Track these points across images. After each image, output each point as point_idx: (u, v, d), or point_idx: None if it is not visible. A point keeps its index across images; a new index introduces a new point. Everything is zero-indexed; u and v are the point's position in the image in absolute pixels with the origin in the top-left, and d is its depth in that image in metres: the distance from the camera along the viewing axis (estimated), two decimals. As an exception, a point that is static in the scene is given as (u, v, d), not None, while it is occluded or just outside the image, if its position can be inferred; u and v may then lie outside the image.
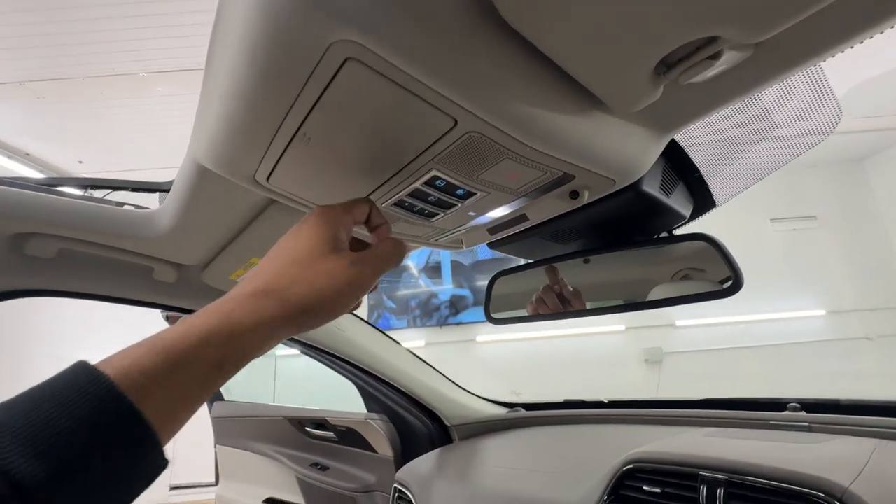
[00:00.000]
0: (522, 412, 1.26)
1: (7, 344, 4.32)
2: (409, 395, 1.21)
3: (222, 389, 1.84)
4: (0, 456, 0.20)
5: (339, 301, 0.34)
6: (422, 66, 0.29)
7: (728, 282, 0.53)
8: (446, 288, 4.13)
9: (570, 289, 0.63)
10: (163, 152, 3.80)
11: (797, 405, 0.85)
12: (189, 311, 0.96)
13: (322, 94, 0.32)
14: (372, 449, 1.43)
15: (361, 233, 0.46)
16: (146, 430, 0.25)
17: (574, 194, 0.45)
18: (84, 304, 0.93)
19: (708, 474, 0.59)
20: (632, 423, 1.04)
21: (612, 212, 0.51)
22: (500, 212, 0.50)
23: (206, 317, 0.30)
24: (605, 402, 1.16)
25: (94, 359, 0.26)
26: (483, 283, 4.11)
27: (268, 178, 0.45)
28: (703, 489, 0.59)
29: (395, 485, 1.12)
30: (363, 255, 0.37)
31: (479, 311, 4.00)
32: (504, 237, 0.57)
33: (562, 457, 0.96)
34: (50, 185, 0.71)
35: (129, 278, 0.81)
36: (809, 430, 0.77)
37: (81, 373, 0.25)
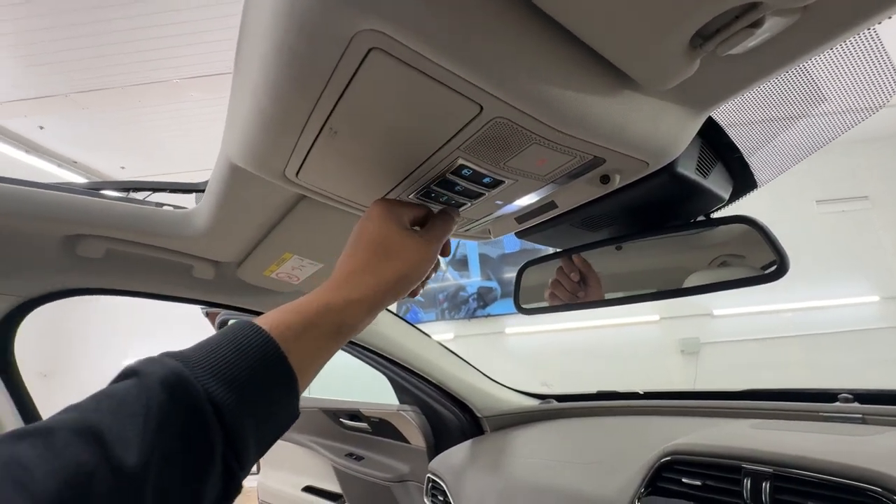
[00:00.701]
0: (555, 403, 1.24)
1: (59, 338, 4.63)
2: (441, 387, 1.22)
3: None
4: (201, 382, 0.27)
5: (420, 268, 0.42)
6: (446, 52, 0.28)
7: (771, 267, 0.50)
8: (474, 280, 4.13)
9: (598, 277, 0.61)
10: (198, 154, 3.95)
11: (849, 396, 0.81)
12: (226, 307, 0.99)
13: (347, 86, 0.32)
14: (405, 440, 1.45)
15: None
16: (292, 375, 0.32)
17: (605, 179, 0.43)
18: (129, 300, 0.98)
19: (752, 467, 0.57)
20: (668, 415, 1.01)
21: (645, 196, 0.49)
22: (527, 199, 0.49)
23: (323, 292, 0.37)
24: (640, 392, 1.14)
25: (138, 350, 0.29)
26: (511, 274, 4.08)
27: (297, 174, 0.46)
28: (748, 482, 0.56)
29: (429, 475, 1.14)
30: (426, 228, 0.44)
31: (508, 303, 3.98)
32: (532, 225, 0.56)
33: (596, 448, 0.95)
34: (95, 188, 0.75)
35: (171, 276, 0.84)
36: (864, 422, 0.73)
37: (247, 327, 0.32)
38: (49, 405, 0.80)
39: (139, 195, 0.78)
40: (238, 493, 0.29)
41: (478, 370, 1.32)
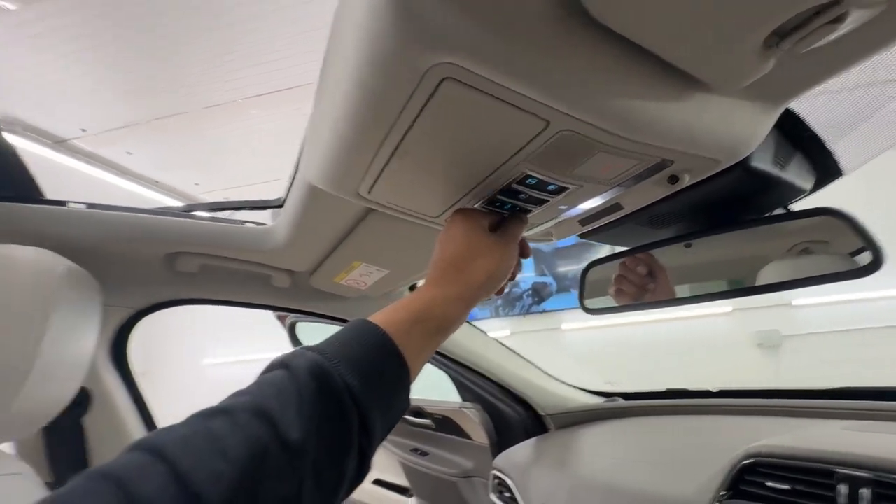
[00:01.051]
0: (621, 402, 1.22)
1: (150, 341, 5.14)
2: (502, 385, 1.23)
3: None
4: (338, 372, 0.31)
5: (504, 265, 0.46)
6: (515, 76, 0.30)
7: (861, 259, 0.47)
8: (528, 276, 4.08)
9: (667, 274, 0.60)
10: (260, 166, 4.23)
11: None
12: (300, 312, 1.07)
13: (419, 113, 0.35)
14: (467, 436, 1.48)
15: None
16: (406, 367, 0.36)
17: (673, 179, 0.43)
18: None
19: (848, 472, 0.53)
20: (747, 415, 0.96)
21: (717, 192, 0.48)
22: (592, 203, 0.49)
23: (425, 291, 0.42)
24: (714, 391, 1.08)
25: (214, 350, 0.35)
26: (565, 268, 3.99)
27: (369, 192, 0.50)
28: (843, 489, 0.53)
29: (494, 472, 1.16)
30: (501, 231, 0.48)
31: (563, 299, 3.90)
32: (596, 227, 0.56)
33: (668, 448, 0.92)
34: (188, 210, 0.84)
35: (253, 286, 0.93)
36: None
37: (367, 325, 0.37)
38: (148, 397, 0.91)
39: (223, 213, 0.87)
40: (367, 472, 0.33)
41: (538, 367, 1.32)
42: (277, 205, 0.83)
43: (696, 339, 3.63)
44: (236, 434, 0.26)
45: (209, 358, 5.12)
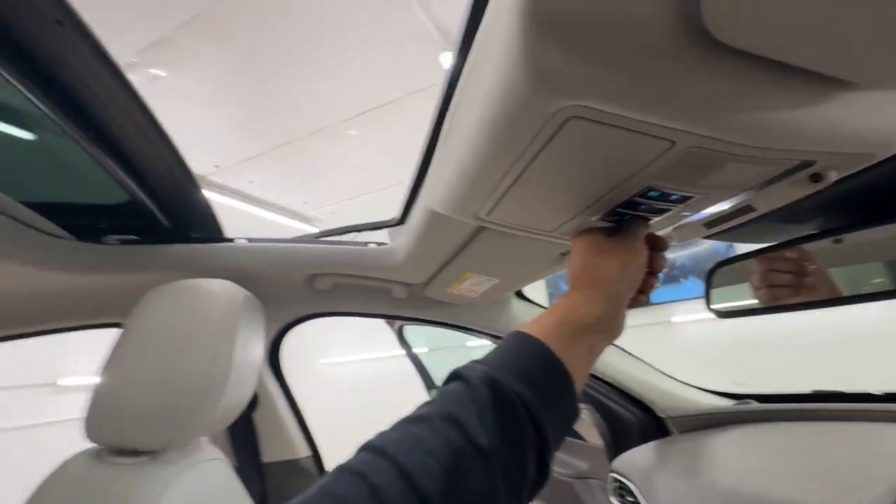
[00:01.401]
0: (755, 405, 1.11)
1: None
2: (614, 386, 1.20)
3: (438, 380, 2.14)
4: (506, 380, 0.35)
5: (631, 262, 0.47)
6: (639, 106, 0.31)
7: None
8: (629, 268, 3.84)
9: (824, 272, 0.54)
10: (361, 180, 4.58)
11: None
12: (415, 320, 1.16)
13: (543, 148, 0.38)
14: (580, 437, 1.46)
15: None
16: (563, 369, 0.38)
17: (816, 177, 0.40)
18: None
19: None
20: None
21: (872, 183, 0.43)
22: (719, 207, 0.47)
23: (565, 297, 0.45)
24: (878, 394, 0.94)
25: (328, 355, 0.41)
26: (671, 255, 3.68)
27: (488, 214, 0.54)
28: None
29: (613, 474, 1.14)
30: (622, 233, 0.49)
31: (671, 290, 3.61)
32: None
33: (821, 458, 0.82)
34: (319, 236, 0.97)
35: (376, 298, 1.03)
36: None
37: (521, 335, 0.40)
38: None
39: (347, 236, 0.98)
40: (548, 475, 0.35)
41: (653, 367, 1.26)
42: (393, 224, 0.92)
43: (847, 329, 3.09)
44: (436, 437, 0.31)
45: (325, 359, 5.67)
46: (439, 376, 2.14)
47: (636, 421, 1.26)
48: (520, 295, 1.18)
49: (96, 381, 0.61)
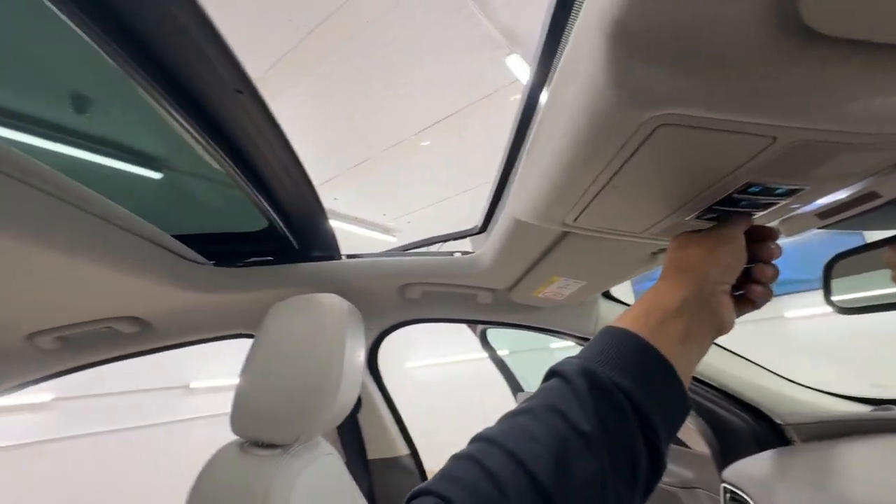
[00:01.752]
0: (898, 411, 0.97)
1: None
2: (722, 390, 1.12)
3: (522, 382, 2.13)
4: (603, 372, 0.35)
5: (722, 250, 0.44)
6: (736, 108, 0.31)
7: None
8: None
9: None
10: (431, 190, 4.73)
11: None
12: (500, 324, 1.19)
13: (632, 155, 0.38)
14: (683, 444, 1.37)
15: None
16: (663, 359, 0.37)
17: (959, 156, 0.36)
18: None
19: None
20: None
21: None
22: (834, 197, 0.44)
23: (652, 288, 0.44)
24: None
25: (413, 356, 0.43)
26: (781, 241, 3.28)
27: (575, 220, 0.55)
28: None
29: (725, 485, 1.06)
30: (717, 227, 0.47)
31: (783, 284, 3.21)
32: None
33: None
34: (406, 248, 1.03)
35: (462, 304, 1.07)
36: None
37: (610, 329, 0.40)
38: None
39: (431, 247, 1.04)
40: (663, 464, 0.35)
41: (767, 369, 1.15)
42: (475, 233, 0.96)
43: None
44: (540, 426, 0.33)
45: (410, 362, 5.90)
46: (523, 378, 2.13)
47: (748, 428, 1.15)
48: (607, 295, 1.15)
49: (222, 384, 0.72)
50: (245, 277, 0.88)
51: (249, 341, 0.77)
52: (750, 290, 0.47)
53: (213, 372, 3.92)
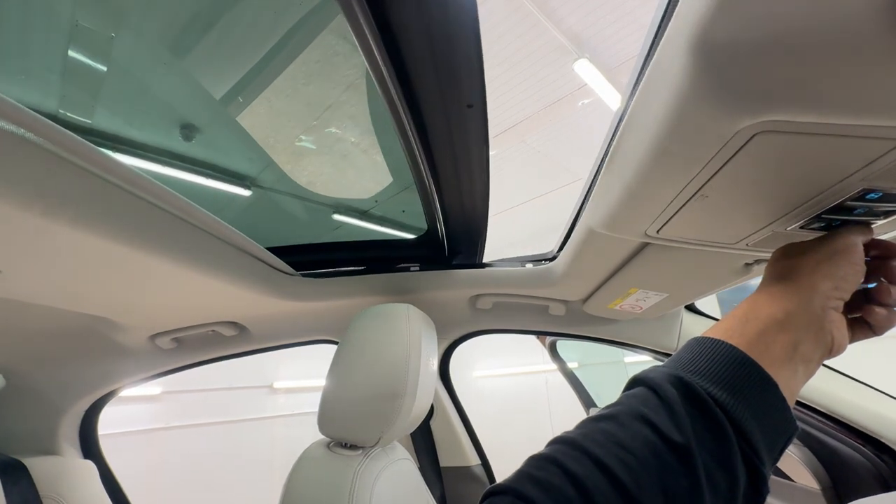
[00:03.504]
0: None
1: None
2: (835, 418, 0.99)
3: (595, 397, 2.04)
4: (703, 387, 0.32)
5: (841, 272, 0.39)
6: (844, 112, 0.28)
7: None
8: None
9: None
10: (502, 198, 4.72)
11: None
12: (571, 336, 1.15)
13: (724, 165, 0.37)
14: (786, 476, 1.23)
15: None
16: (766, 376, 0.33)
17: None
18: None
19: None
20: None
21: None
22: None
23: (749, 298, 0.39)
24: None
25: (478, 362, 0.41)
26: None
27: (658, 231, 0.53)
28: None
29: (840, 526, 0.93)
30: (823, 239, 0.41)
31: None
32: None
33: None
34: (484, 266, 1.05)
35: (534, 315, 1.06)
36: None
37: (702, 341, 0.36)
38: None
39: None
40: (764, 489, 0.31)
41: (886, 393, 1.00)
42: (550, 258, 0.94)
43: None
44: (625, 431, 0.30)
45: (477, 371, 5.88)
46: (594, 392, 2.04)
47: (868, 463, 1.01)
48: (692, 308, 1.07)
49: (302, 385, 0.77)
50: (328, 287, 0.95)
51: (326, 346, 0.82)
52: (869, 312, 0.40)
53: (295, 373, 4.22)
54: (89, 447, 1.17)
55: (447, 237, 0.90)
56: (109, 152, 0.54)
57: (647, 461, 0.29)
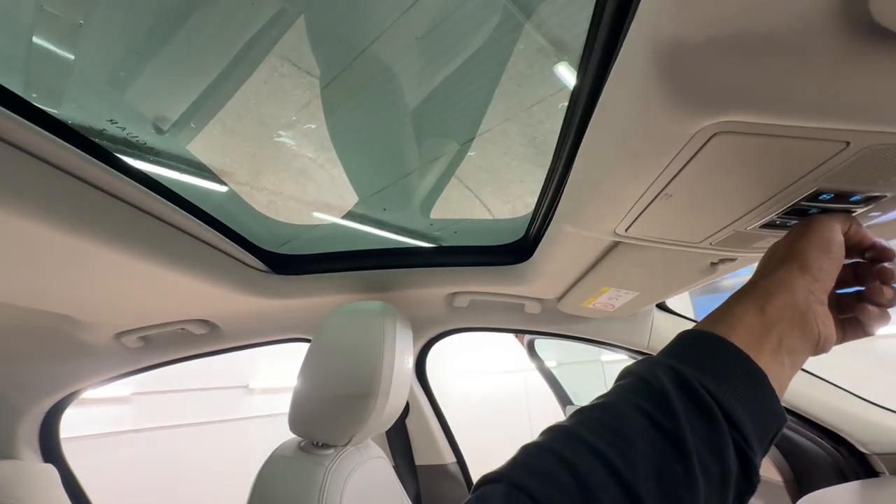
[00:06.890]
0: None
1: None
2: (798, 414, 1.03)
3: (571, 396, 2.07)
4: (693, 375, 0.32)
5: (816, 231, 0.39)
6: (800, 113, 0.30)
7: None
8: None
9: None
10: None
11: None
12: (547, 334, 1.17)
13: (685, 165, 0.38)
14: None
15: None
16: (753, 365, 0.34)
17: None
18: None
19: None
20: None
21: None
22: (923, 203, 0.40)
23: (758, 297, 0.38)
24: None
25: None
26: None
27: (626, 230, 0.54)
28: None
29: (800, 516, 0.97)
30: (808, 231, 0.40)
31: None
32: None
33: None
34: (453, 252, 1.05)
35: (509, 314, 1.07)
36: None
37: (693, 333, 0.37)
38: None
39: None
40: (756, 479, 0.31)
41: (852, 393, 1.05)
42: (521, 244, 0.94)
43: None
44: (619, 420, 0.31)
45: (452, 371, 5.88)
46: (572, 391, 2.07)
47: (827, 456, 1.05)
48: (663, 307, 1.10)
49: (279, 385, 0.76)
50: (302, 284, 0.94)
51: (305, 345, 0.81)
52: (862, 309, 0.40)
53: (271, 373, 4.14)
54: (50, 450, 1.12)
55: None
56: (70, 145, 0.52)
57: (641, 448, 0.29)
